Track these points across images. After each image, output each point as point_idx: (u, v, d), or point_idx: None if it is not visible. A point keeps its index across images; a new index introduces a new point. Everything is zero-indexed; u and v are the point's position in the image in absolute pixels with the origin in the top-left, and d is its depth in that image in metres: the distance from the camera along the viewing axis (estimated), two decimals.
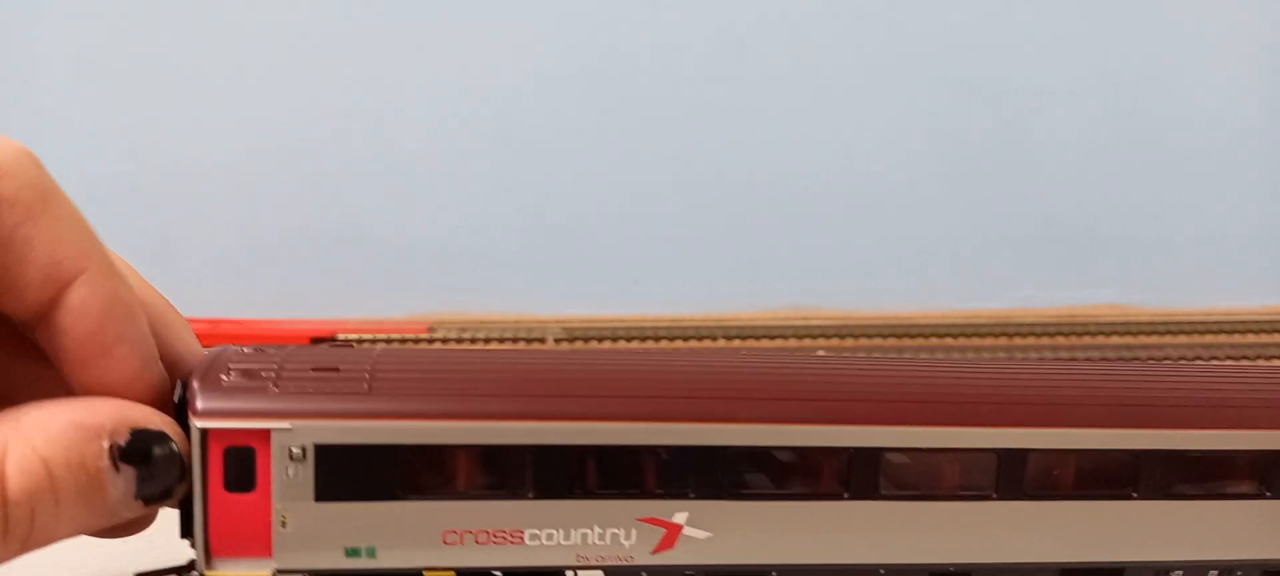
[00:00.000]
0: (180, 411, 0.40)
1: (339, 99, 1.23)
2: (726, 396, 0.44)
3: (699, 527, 0.44)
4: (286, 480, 0.41)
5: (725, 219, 1.27)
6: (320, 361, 0.43)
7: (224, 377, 0.41)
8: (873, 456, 0.44)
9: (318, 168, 1.24)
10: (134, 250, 0.43)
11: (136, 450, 0.37)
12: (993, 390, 0.47)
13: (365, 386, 0.42)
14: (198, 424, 0.39)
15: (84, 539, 0.43)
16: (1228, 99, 1.25)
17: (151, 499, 0.38)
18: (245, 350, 0.44)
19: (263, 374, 0.42)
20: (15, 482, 0.34)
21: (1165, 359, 1.10)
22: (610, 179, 1.26)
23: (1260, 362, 1.09)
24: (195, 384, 0.40)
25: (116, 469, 0.36)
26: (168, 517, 0.68)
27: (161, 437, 0.38)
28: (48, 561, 0.40)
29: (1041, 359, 1.12)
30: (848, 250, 1.28)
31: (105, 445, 0.36)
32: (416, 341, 1.17)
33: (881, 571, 0.46)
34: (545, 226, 1.27)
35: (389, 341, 1.16)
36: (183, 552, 0.43)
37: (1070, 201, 1.27)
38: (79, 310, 0.37)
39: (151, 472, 0.37)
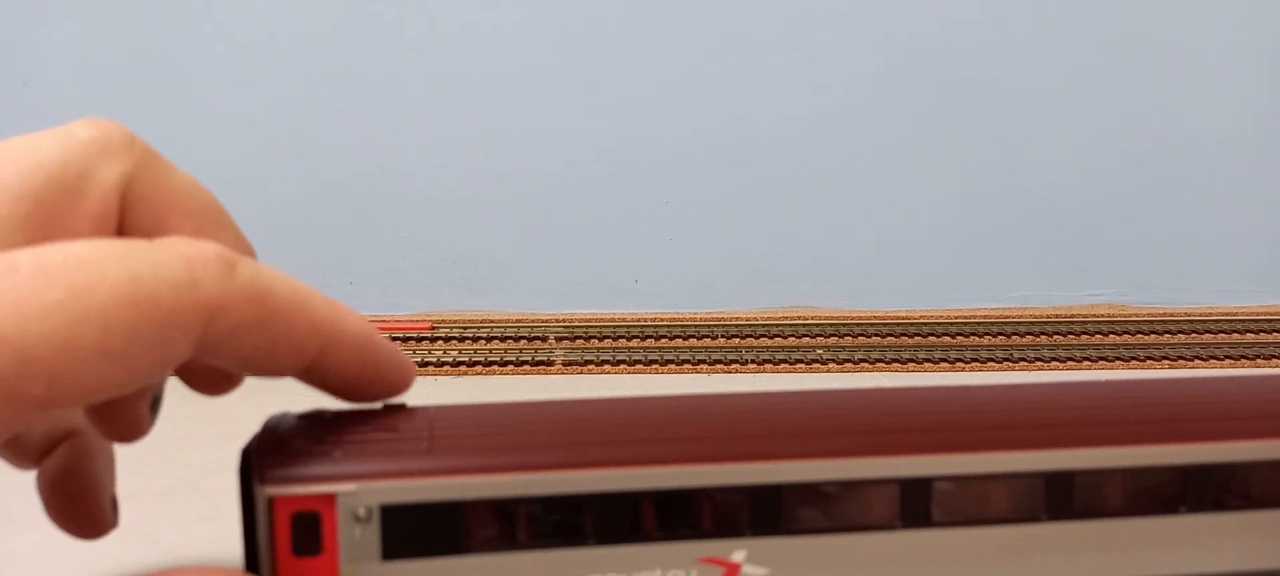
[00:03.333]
0: (244, 480, 0.40)
1: (340, 99, 1.23)
2: (778, 434, 0.45)
3: (758, 564, 0.44)
4: (353, 542, 0.41)
5: (726, 218, 1.28)
6: (381, 423, 0.43)
7: (286, 443, 0.41)
8: (923, 486, 0.45)
9: (319, 167, 1.25)
10: None
11: None
12: (1038, 413, 0.48)
13: (425, 444, 0.42)
14: (264, 492, 0.40)
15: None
16: (1227, 98, 1.26)
17: None
18: (305, 415, 0.44)
19: (324, 438, 0.42)
20: None
21: (1165, 359, 1.11)
22: (611, 179, 1.27)
23: (1260, 363, 1.10)
24: (259, 451, 0.41)
25: None
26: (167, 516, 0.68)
27: None
28: None
29: (1077, 379, 1.12)
30: (847, 250, 1.29)
31: None
32: (418, 340, 1.17)
33: None
34: (546, 226, 1.27)
35: (392, 339, 1.16)
36: None
37: (1068, 200, 1.28)
38: (338, 371, 0.41)
39: None
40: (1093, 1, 1.23)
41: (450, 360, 1.11)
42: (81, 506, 0.47)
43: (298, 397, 0.44)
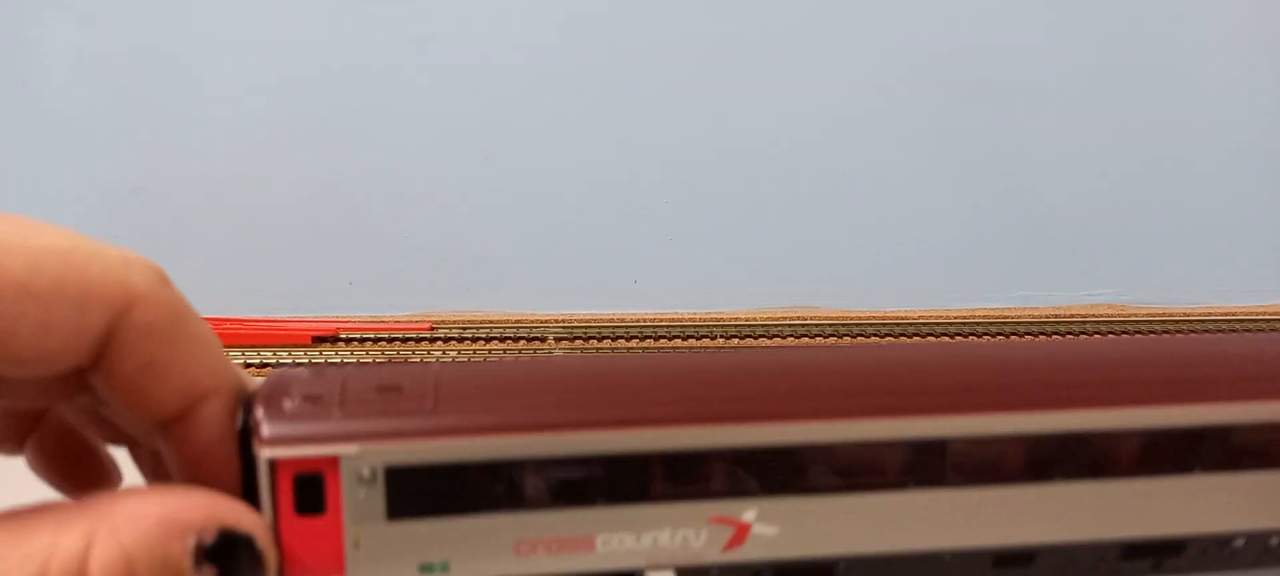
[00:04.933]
0: (244, 440, 0.40)
1: (340, 98, 1.23)
2: (791, 394, 0.44)
3: (768, 524, 0.44)
4: (357, 503, 0.40)
5: (725, 218, 1.28)
6: (383, 381, 0.42)
7: (288, 403, 0.40)
8: (937, 447, 0.44)
9: (319, 167, 1.25)
10: (136, 250, 0.43)
11: (221, 550, 0.36)
12: (1053, 372, 0.47)
13: (430, 404, 0.41)
14: (265, 453, 0.39)
15: None
16: (1226, 97, 1.26)
17: None
18: (305, 373, 0.43)
19: (326, 398, 0.41)
20: None
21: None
22: (610, 179, 1.26)
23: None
24: (259, 411, 0.40)
25: (197, 568, 0.36)
26: None
27: (248, 541, 0.37)
28: None
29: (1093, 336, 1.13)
30: (846, 250, 1.29)
31: (191, 543, 0.36)
32: (418, 340, 1.17)
33: (947, 557, 0.46)
34: (546, 226, 1.27)
35: (391, 340, 1.16)
36: None
37: (1067, 200, 1.28)
38: (206, 425, 0.39)
39: (233, 573, 0.37)
40: (1093, 7, 1.23)
41: (450, 360, 1.11)
42: (88, 461, 0.47)
43: None
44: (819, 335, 1.18)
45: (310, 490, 0.40)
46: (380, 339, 1.16)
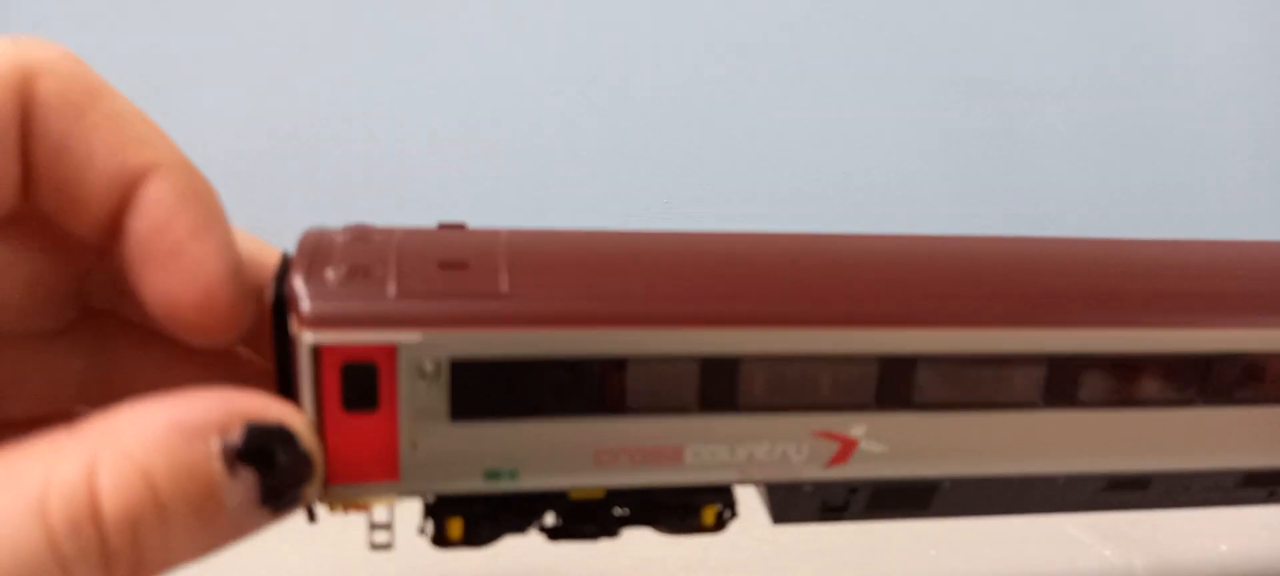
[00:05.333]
0: (277, 315, 0.33)
1: (338, 100, 1.22)
2: (919, 296, 0.38)
3: (877, 441, 0.39)
4: (416, 399, 0.34)
5: (725, 220, 1.27)
6: (444, 255, 0.35)
7: (330, 274, 0.33)
8: (1072, 364, 0.39)
9: (317, 169, 1.23)
10: None
11: (255, 448, 0.31)
12: (1207, 283, 0.41)
13: (504, 286, 0.35)
14: (308, 337, 0.32)
15: None
16: (1227, 98, 1.28)
17: (281, 505, 0.32)
18: (345, 238, 0.36)
19: (377, 271, 0.34)
20: (112, 501, 0.28)
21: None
22: (610, 182, 1.26)
23: None
24: (298, 282, 0.33)
25: (232, 473, 0.30)
26: None
27: (282, 432, 0.32)
28: None
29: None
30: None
31: (216, 446, 0.30)
32: None
33: (1061, 481, 0.42)
34: (546, 226, 1.26)
35: None
36: None
37: (1068, 201, 1.29)
38: (151, 208, 0.33)
39: (276, 474, 0.31)
40: (1096, 3, 1.25)
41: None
42: None
43: None
44: None
45: (361, 382, 0.34)
46: None
